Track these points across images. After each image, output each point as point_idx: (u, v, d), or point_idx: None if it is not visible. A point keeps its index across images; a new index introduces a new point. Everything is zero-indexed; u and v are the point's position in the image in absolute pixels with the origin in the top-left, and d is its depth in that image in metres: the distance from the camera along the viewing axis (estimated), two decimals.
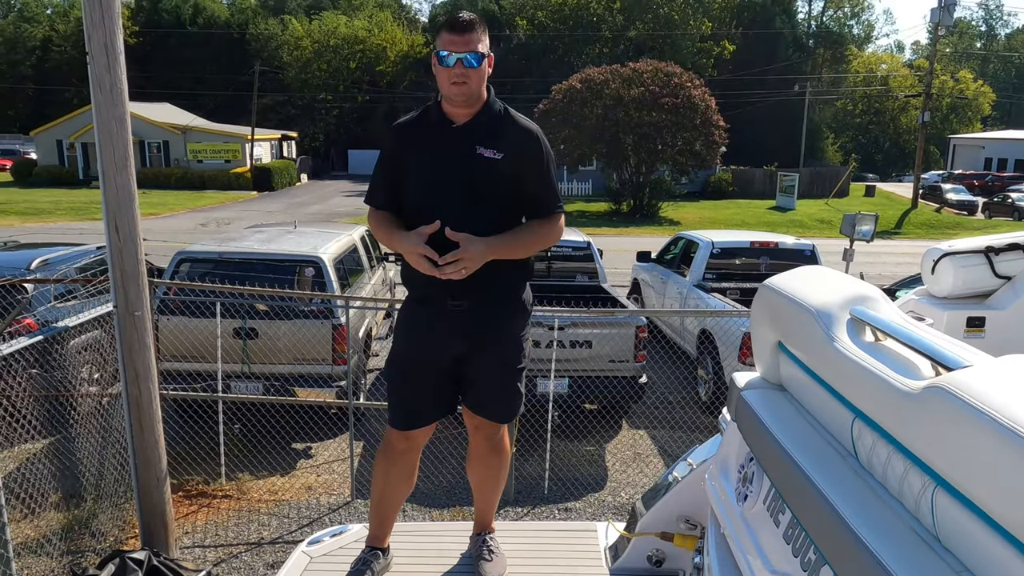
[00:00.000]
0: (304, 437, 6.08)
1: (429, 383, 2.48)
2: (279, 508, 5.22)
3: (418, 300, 2.49)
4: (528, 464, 5.82)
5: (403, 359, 2.52)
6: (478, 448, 2.60)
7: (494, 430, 2.56)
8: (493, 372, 2.48)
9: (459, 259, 2.22)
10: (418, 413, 2.51)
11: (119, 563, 4.00)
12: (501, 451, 2.62)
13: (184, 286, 5.60)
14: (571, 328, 5.98)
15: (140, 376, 4.18)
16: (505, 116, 2.41)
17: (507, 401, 2.53)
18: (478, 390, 2.51)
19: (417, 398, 2.50)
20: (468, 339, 2.42)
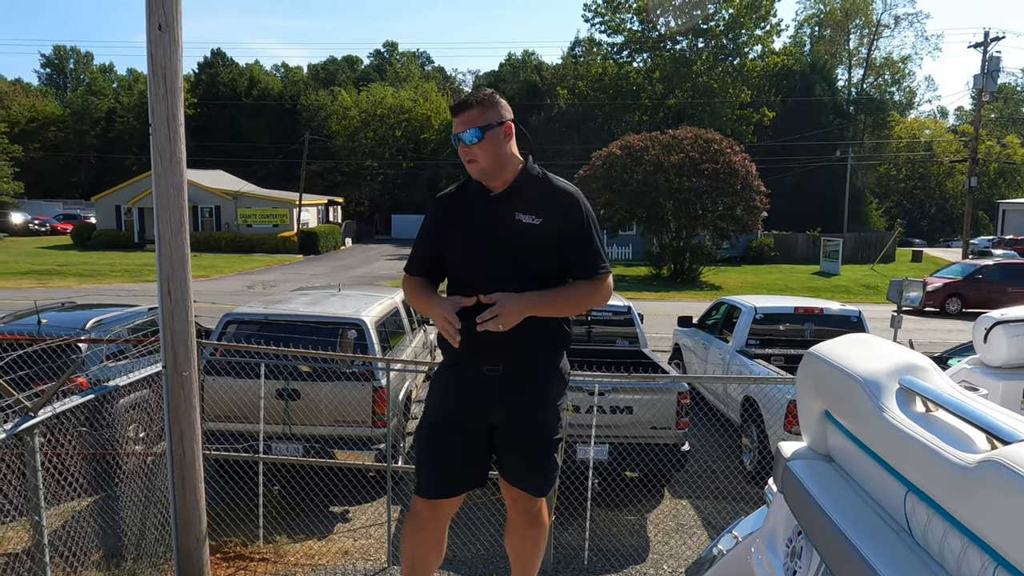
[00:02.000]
0: (342, 500, 6.05)
1: (460, 451, 2.45)
2: (315, 573, 5.16)
3: (453, 364, 2.49)
4: (567, 533, 5.69)
5: (434, 424, 2.49)
6: (516, 520, 2.55)
7: (532, 502, 2.52)
8: (531, 443, 2.44)
9: (496, 313, 2.23)
10: (447, 482, 2.48)
11: None
12: (539, 523, 2.58)
13: (230, 347, 5.72)
14: (611, 393, 5.92)
15: (185, 436, 4.24)
16: (543, 181, 2.44)
17: (544, 473, 2.48)
18: (514, 461, 2.47)
19: (447, 466, 2.46)
20: (504, 406, 2.40)
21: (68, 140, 59.46)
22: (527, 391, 2.42)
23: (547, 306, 2.36)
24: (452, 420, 2.46)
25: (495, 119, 2.35)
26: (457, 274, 2.48)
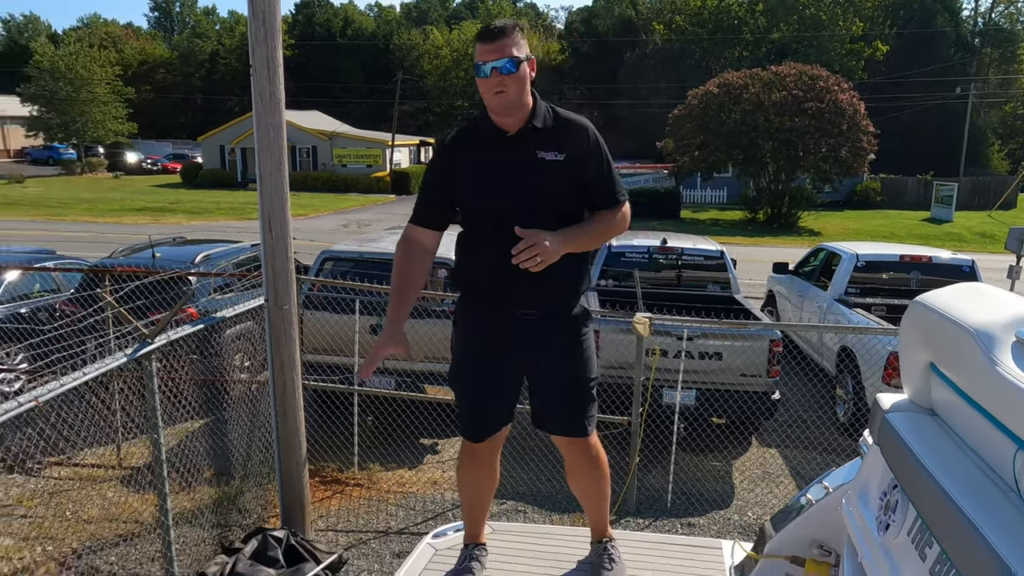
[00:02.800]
0: (431, 433, 6.27)
1: (493, 393, 2.45)
2: (406, 500, 5.41)
3: (480, 307, 2.44)
4: (651, 476, 5.73)
5: (467, 367, 2.48)
6: (576, 463, 2.53)
7: (586, 443, 2.48)
8: (569, 386, 2.41)
9: (532, 245, 2.14)
10: (488, 421, 2.48)
11: (261, 539, 4.29)
12: (600, 461, 2.54)
13: (327, 283, 5.93)
14: (701, 339, 5.83)
15: (285, 366, 4.46)
16: (555, 115, 2.36)
17: (586, 412, 2.44)
18: (554, 407, 2.44)
19: (486, 407, 2.46)
20: (538, 350, 2.37)
21: (176, 82, 62.02)
22: (561, 333, 2.39)
23: (581, 241, 2.33)
24: (484, 363, 2.43)
25: (526, 52, 2.27)
26: (476, 217, 2.40)
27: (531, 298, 2.33)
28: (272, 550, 4.21)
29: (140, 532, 4.80)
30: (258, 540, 4.30)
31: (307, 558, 4.27)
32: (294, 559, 4.26)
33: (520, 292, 2.31)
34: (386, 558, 4.66)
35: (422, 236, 2.40)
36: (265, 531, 4.38)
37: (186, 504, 4.84)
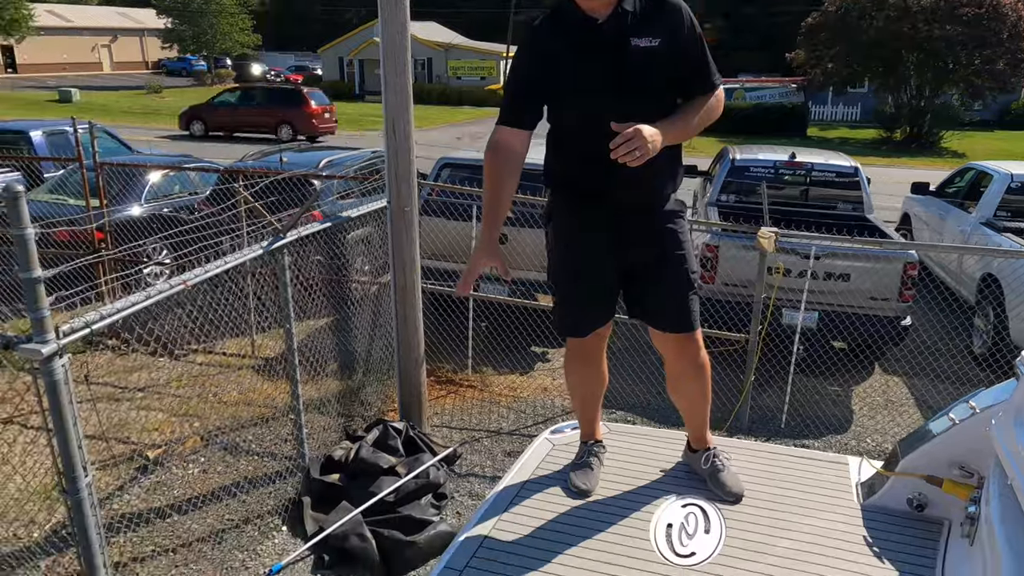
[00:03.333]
0: (542, 342, 6.35)
1: (597, 286, 2.39)
2: (517, 403, 5.56)
3: (580, 203, 2.35)
4: (765, 395, 5.61)
5: (566, 266, 2.42)
6: (682, 370, 2.46)
7: (695, 348, 2.40)
8: (676, 281, 2.34)
9: (631, 139, 2.02)
10: (591, 316, 2.44)
11: (382, 429, 4.54)
12: (704, 366, 2.46)
13: (446, 188, 6.00)
14: (828, 258, 5.54)
15: (406, 267, 4.59)
16: None
17: (693, 309, 2.37)
18: (663, 303, 2.37)
19: (587, 305, 2.42)
20: (642, 246, 2.31)
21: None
22: (660, 227, 2.32)
23: (679, 132, 2.20)
24: (584, 259, 2.37)
25: None
26: (566, 114, 2.28)
27: (628, 193, 2.26)
28: (392, 440, 4.45)
29: (273, 416, 5.19)
30: (379, 430, 4.55)
31: (424, 449, 4.49)
32: (412, 449, 4.49)
33: (617, 188, 2.24)
34: (497, 456, 4.84)
35: (511, 139, 2.27)
36: (386, 422, 4.63)
37: (313, 393, 5.16)
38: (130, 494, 4.29)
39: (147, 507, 4.16)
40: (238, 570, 3.72)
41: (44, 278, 2.36)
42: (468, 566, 1.94)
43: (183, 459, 4.65)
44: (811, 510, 2.18)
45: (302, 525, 4.01)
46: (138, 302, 2.81)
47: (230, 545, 3.88)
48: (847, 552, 1.97)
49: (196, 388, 5.61)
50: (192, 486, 4.38)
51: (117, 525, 3.88)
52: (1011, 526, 1.58)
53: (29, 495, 4.22)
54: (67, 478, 2.60)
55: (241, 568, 3.74)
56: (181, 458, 4.66)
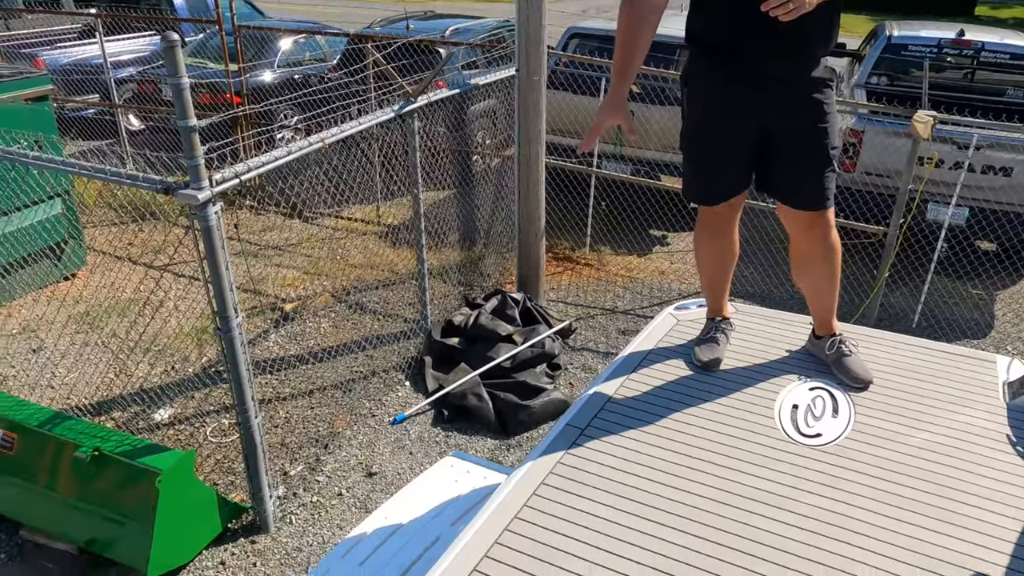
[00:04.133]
0: (662, 225, 6.22)
1: (733, 152, 2.25)
2: (633, 284, 5.54)
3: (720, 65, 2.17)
4: (897, 293, 5.32)
5: (702, 129, 2.27)
6: (811, 250, 2.31)
7: (827, 227, 2.24)
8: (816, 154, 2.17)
9: None
10: (724, 185, 2.30)
11: (501, 299, 4.65)
12: (834, 248, 2.30)
13: (575, 58, 5.79)
14: (989, 150, 5.04)
15: (532, 139, 4.54)
16: None
17: (830, 186, 2.19)
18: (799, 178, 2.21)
19: (720, 171, 2.28)
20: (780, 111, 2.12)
21: None
22: (805, 95, 2.12)
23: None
24: (721, 123, 2.22)
25: None
26: None
27: (775, 55, 2.07)
28: (510, 309, 4.56)
29: (396, 280, 5.41)
30: (498, 299, 4.67)
31: (540, 321, 4.59)
32: (529, 320, 4.60)
33: (763, 48, 2.05)
34: (611, 333, 4.88)
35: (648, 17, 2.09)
36: (504, 292, 4.73)
37: (434, 262, 5.32)
38: (270, 341, 4.65)
39: (285, 354, 4.51)
40: (365, 416, 4.02)
41: (199, 127, 2.48)
42: (590, 425, 2.00)
43: (316, 313, 4.97)
44: (950, 404, 2.08)
45: (423, 382, 4.25)
46: (280, 157, 2.92)
47: (358, 394, 4.18)
48: (988, 450, 1.89)
49: (325, 250, 5.90)
50: (324, 338, 4.69)
51: (261, 367, 4.24)
52: None
53: (183, 335, 4.65)
54: (220, 318, 2.83)
55: (368, 415, 4.03)
56: (314, 313, 4.98)
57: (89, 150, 7.70)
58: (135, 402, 4.01)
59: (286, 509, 3.39)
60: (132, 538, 2.91)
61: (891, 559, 1.55)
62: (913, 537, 1.60)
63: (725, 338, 2.37)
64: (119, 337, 4.60)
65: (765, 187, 2.34)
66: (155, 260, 5.58)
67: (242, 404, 3.00)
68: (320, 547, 3.22)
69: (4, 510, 3.19)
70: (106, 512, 2.96)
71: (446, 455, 3.55)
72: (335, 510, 3.41)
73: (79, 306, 4.92)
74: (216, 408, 4.01)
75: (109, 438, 3.03)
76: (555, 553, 1.57)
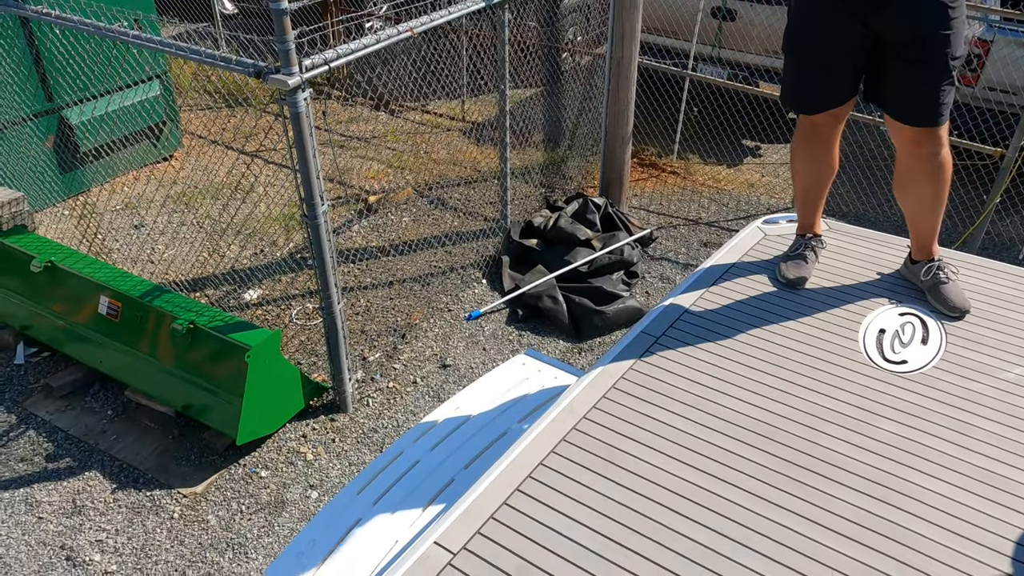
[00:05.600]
0: (757, 136, 5.94)
1: (839, 57, 2.09)
2: (720, 196, 5.36)
3: None
4: (1008, 222, 4.98)
5: (807, 28, 2.11)
6: (918, 168, 2.14)
7: (937, 145, 2.06)
8: (927, 60, 1.98)
9: None
10: (827, 94, 2.15)
11: (582, 202, 4.59)
12: (943, 167, 2.12)
13: None
14: None
15: (626, 36, 4.34)
16: None
17: (942, 99, 2.01)
18: (906, 85, 2.03)
19: (824, 78, 2.13)
20: (895, 11, 1.93)
21: None
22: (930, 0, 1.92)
23: None
24: (828, 24, 2.05)
25: None
26: None
27: None
28: (591, 214, 4.51)
29: (478, 178, 5.40)
30: (579, 203, 4.61)
31: (620, 227, 4.52)
32: (609, 226, 4.54)
33: None
34: (693, 244, 4.78)
35: None
36: (586, 197, 4.66)
37: (517, 162, 5.26)
38: (353, 231, 4.76)
39: (367, 244, 4.62)
40: (442, 311, 4.11)
41: (291, 10, 2.47)
42: (665, 334, 1.98)
43: (398, 207, 5.04)
44: None
45: (500, 281, 4.30)
46: (369, 45, 2.89)
47: (436, 289, 4.26)
48: None
49: (410, 144, 5.91)
50: (405, 232, 4.77)
51: (344, 255, 4.36)
52: None
53: (272, 220, 4.81)
54: (307, 205, 2.90)
55: (445, 309, 4.13)
56: (396, 205, 5.04)
57: (185, 32, 7.82)
58: (227, 281, 4.21)
59: (364, 392, 3.56)
60: (223, 406, 3.12)
61: (966, 491, 1.51)
62: (991, 471, 1.55)
63: (814, 256, 2.28)
64: (212, 218, 4.80)
65: (873, 96, 2.17)
66: (246, 145, 5.72)
67: (326, 290, 3.11)
68: (395, 430, 3.38)
69: (111, 372, 3.46)
70: (201, 381, 3.17)
71: (519, 353, 3.62)
72: (409, 396, 3.56)
73: (176, 187, 5.12)
74: (301, 293, 4.18)
75: (203, 313, 3.21)
76: (620, 455, 1.60)
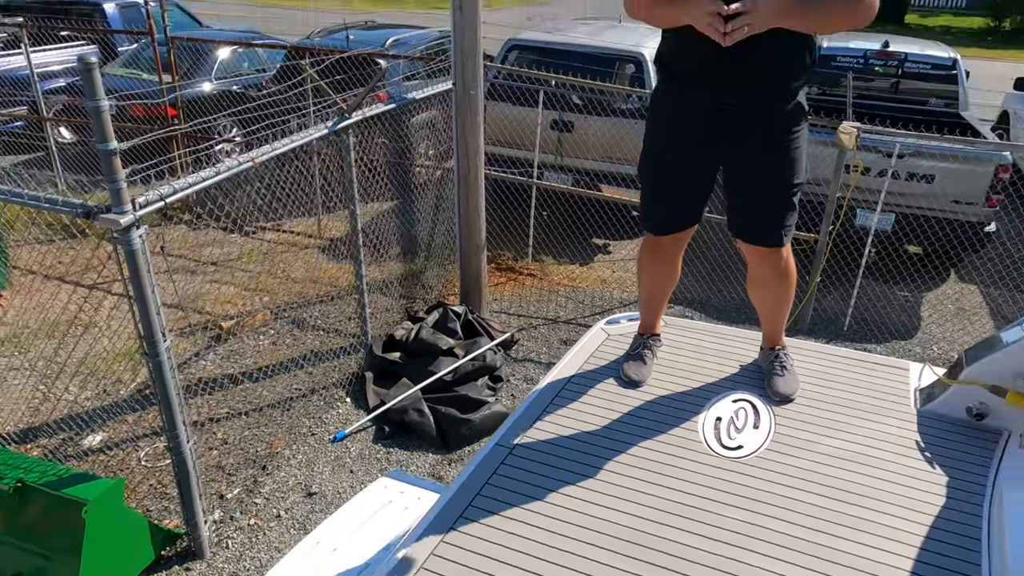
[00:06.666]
0: (604, 234, 6.30)
1: (687, 183, 2.24)
2: (575, 293, 5.59)
3: (677, 92, 2.16)
4: (830, 297, 5.49)
5: (658, 156, 2.26)
6: (763, 275, 2.33)
7: (779, 256, 2.26)
8: (768, 189, 2.14)
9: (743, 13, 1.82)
10: (674, 217, 2.31)
11: (442, 312, 4.65)
12: (789, 276, 2.32)
13: (513, 71, 5.83)
14: (912, 157, 5.24)
15: (470, 152, 4.55)
16: None
17: (784, 222, 2.18)
18: (750, 211, 2.21)
19: (672, 202, 2.28)
20: (738, 146, 2.09)
21: None
22: (766, 128, 2.09)
23: (807, 16, 1.93)
24: (677, 153, 2.20)
25: None
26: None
27: (736, 82, 2.03)
28: (451, 322, 4.57)
29: (338, 295, 5.36)
30: (440, 312, 4.66)
31: (482, 333, 4.60)
32: (471, 332, 4.60)
33: (724, 74, 2.01)
34: (554, 343, 4.92)
35: None
36: (446, 305, 4.73)
37: (376, 275, 5.29)
38: (206, 360, 4.56)
39: (222, 373, 4.43)
40: (305, 435, 3.97)
41: (120, 150, 2.43)
42: (519, 444, 2.02)
43: (254, 331, 4.89)
44: (865, 413, 2.16)
45: (364, 398, 4.22)
46: (208, 178, 2.88)
47: (298, 412, 4.12)
48: (896, 455, 1.97)
49: (265, 264, 5.81)
50: (263, 356, 4.62)
51: (195, 388, 4.15)
52: None
53: (116, 356, 4.53)
54: (147, 342, 2.77)
55: (308, 434, 3.98)
56: (252, 330, 4.90)
57: (16, 165, 7.44)
58: (64, 428, 3.89)
59: (222, 533, 3.33)
60: (60, 570, 2.82)
61: (806, 569, 1.60)
62: (826, 546, 1.66)
63: (652, 354, 2.41)
64: (46, 359, 4.46)
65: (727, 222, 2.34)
66: (84, 278, 5.42)
67: (172, 429, 2.94)
68: (257, 571, 3.16)
69: None
70: (32, 546, 2.86)
71: (387, 472, 3.53)
72: (273, 532, 3.36)
73: (2, 329, 4.75)
74: (149, 432, 3.91)
75: (33, 468, 2.93)
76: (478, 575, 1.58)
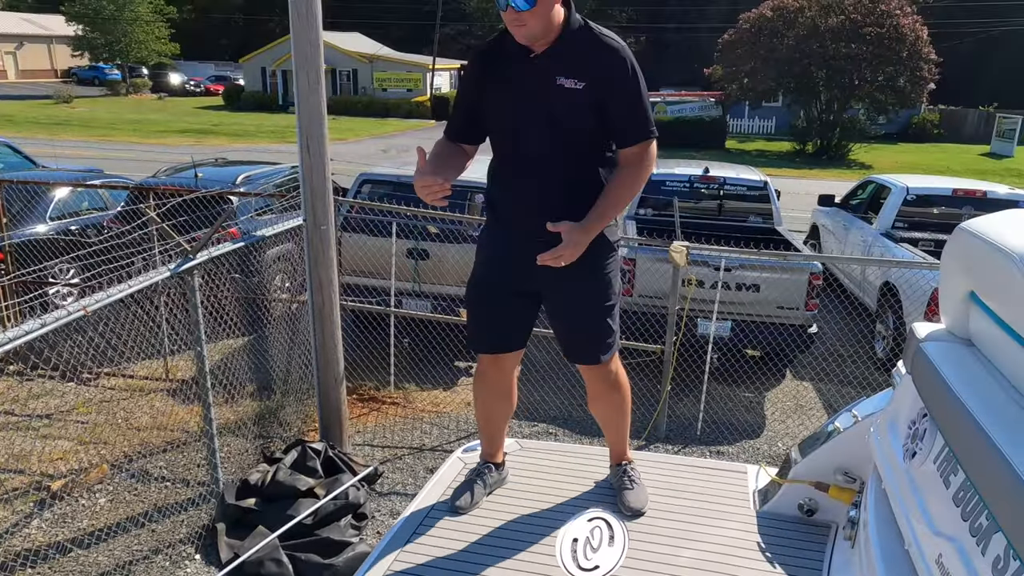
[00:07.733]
0: (467, 356, 6.36)
1: (509, 310, 2.41)
2: (440, 419, 5.55)
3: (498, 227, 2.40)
4: (682, 404, 5.77)
5: (482, 285, 2.44)
6: (595, 388, 2.50)
7: (605, 370, 2.43)
8: (582, 312, 2.35)
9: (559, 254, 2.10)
10: (500, 339, 2.45)
11: (301, 450, 4.47)
12: (619, 386, 2.49)
13: (365, 205, 5.96)
14: (738, 270, 5.76)
15: (324, 286, 4.54)
16: (587, 35, 2.16)
17: (601, 342, 2.37)
18: (568, 333, 2.41)
19: (497, 324, 2.44)
20: (551, 275, 2.25)
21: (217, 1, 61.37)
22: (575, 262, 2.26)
23: (607, 217, 2.23)
24: (498, 283, 2.40)
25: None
26: (496, 139, 2.33)
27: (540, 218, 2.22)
28: (311, 461, 4.38)
29: (187, 440, 5.03)
30: (298, 451, 4.47)
31: (344, 469, 4.44)
32: (332, 470, 4.43)
33: (536, 218, 2.21)
34: (420, 473, 4.82)
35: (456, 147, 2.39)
36: (304, 443, 4.55)
37: (230, 416, 5.03)
38: (30, 528, 4.09)
39: (49, 541, 3.97)
40: None
41: None
42: None
43: (89, 489, 4.46)
44: (711, 519, 2.26)
45: (216, 553, 3.91)
46: (33, 330, 2.70)
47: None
48: (742, 559, 2.06)
49: (104, 414, 5.39)
50: (99, 517, 4.20)
51: (11, 564, 3.69)
52: (884, 527, 1.69)
53: None
54: None
55: None
56: (87, 488, 4.47)
57: None
58: None
59: None
60: None
61: None
62: None
63: (482, 484, 2.45)
64: None
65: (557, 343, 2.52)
66: None
67: None
68: None
69: None
70: None
71: None
72: None
73: None
74: None
75: None
76: None
